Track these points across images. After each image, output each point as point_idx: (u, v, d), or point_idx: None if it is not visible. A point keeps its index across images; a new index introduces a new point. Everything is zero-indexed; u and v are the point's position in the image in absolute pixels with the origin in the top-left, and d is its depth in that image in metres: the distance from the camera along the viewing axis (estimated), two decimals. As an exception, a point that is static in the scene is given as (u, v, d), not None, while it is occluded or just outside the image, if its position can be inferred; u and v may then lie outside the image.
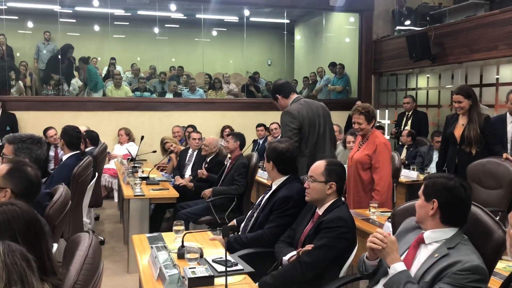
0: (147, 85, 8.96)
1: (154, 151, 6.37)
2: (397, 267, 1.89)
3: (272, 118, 7.49)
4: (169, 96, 8.83)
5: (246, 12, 10.72)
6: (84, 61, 8.70)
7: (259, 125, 7.61)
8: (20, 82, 8.36)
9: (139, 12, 10.78)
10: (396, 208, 2.50)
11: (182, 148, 6.06)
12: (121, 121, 7.60)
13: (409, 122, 6.98)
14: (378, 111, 9.02)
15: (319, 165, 2.55)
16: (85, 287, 1.57)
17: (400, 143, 6.79)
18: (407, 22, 8.62)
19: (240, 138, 4.89)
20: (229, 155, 5.11)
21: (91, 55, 10.21)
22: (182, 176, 5.59)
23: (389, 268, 1.92)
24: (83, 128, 6.20)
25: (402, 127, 6.96)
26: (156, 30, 11.20)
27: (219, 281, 2.21)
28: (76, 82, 8.92)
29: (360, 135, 3.80)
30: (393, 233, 2.25)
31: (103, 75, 9.70)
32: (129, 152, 6.49)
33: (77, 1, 9.99)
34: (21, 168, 2.26)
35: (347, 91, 9.17)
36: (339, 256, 2.39)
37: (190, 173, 5.65)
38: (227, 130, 7.67)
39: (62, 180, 3.34)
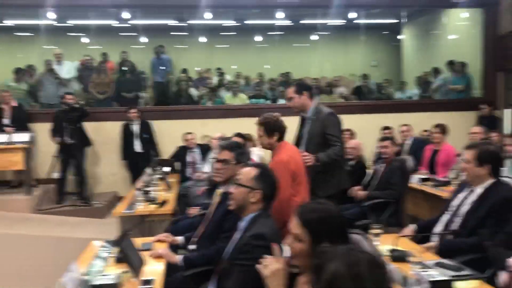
0: (261, 92, 9.18)
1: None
2: None
3: (393, 120, 7.37)
4: (281, 101, 8.95)
5: (352, 15, 10.60)
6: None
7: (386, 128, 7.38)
8: (146, 94, 8.94)
9: (245, 22, 11.06)
10: None
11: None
12: (243, 127, 7.82)
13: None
14: (504, 111, 8.46)
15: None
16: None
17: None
18: (538, 14, 8.02)
19: None
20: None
21: (199, 66, 10.63)
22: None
23: None
24: (218, 135, 6.48)
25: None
26: (260, 38, 11.44)
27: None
28: (194, 91, 9.36)
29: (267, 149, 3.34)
30: None
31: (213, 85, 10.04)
32: (258, 156, 6.63)
33: (189, 15, 10.50)
34: (269, 172, 2.34)
35: (468, 90, 8.71)
36: None
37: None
38: (348, 133, 7.57)
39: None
